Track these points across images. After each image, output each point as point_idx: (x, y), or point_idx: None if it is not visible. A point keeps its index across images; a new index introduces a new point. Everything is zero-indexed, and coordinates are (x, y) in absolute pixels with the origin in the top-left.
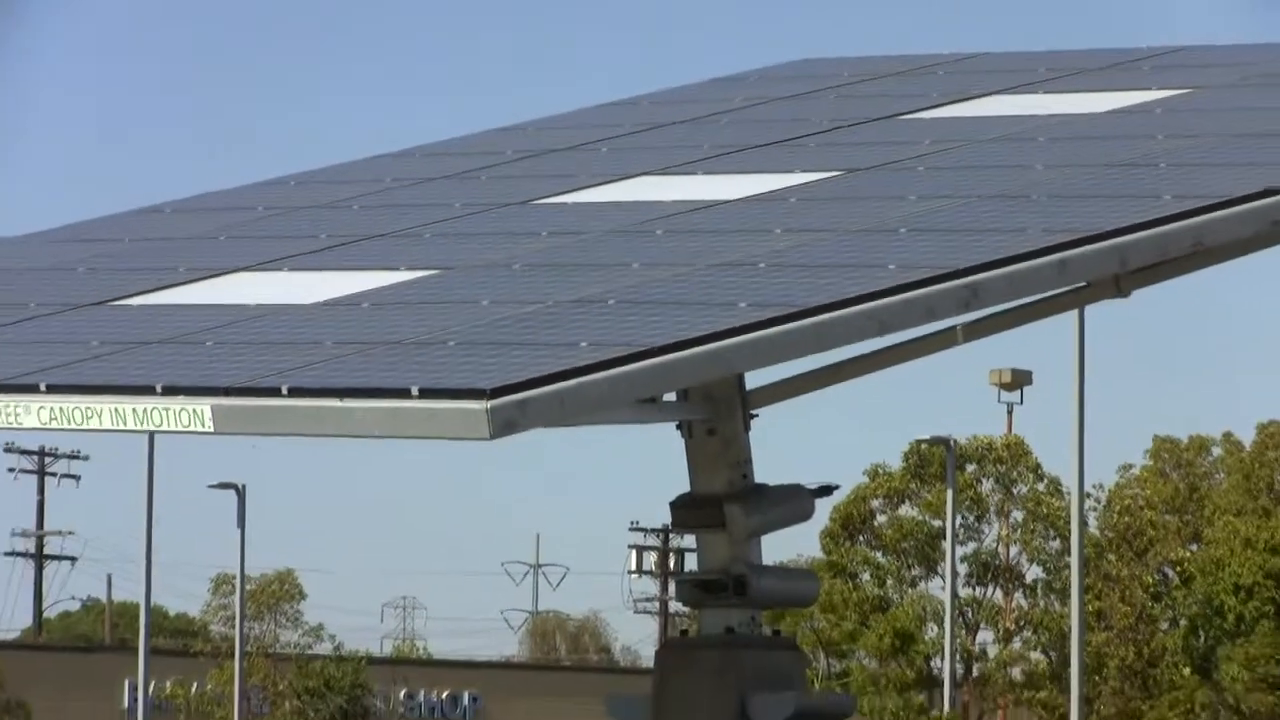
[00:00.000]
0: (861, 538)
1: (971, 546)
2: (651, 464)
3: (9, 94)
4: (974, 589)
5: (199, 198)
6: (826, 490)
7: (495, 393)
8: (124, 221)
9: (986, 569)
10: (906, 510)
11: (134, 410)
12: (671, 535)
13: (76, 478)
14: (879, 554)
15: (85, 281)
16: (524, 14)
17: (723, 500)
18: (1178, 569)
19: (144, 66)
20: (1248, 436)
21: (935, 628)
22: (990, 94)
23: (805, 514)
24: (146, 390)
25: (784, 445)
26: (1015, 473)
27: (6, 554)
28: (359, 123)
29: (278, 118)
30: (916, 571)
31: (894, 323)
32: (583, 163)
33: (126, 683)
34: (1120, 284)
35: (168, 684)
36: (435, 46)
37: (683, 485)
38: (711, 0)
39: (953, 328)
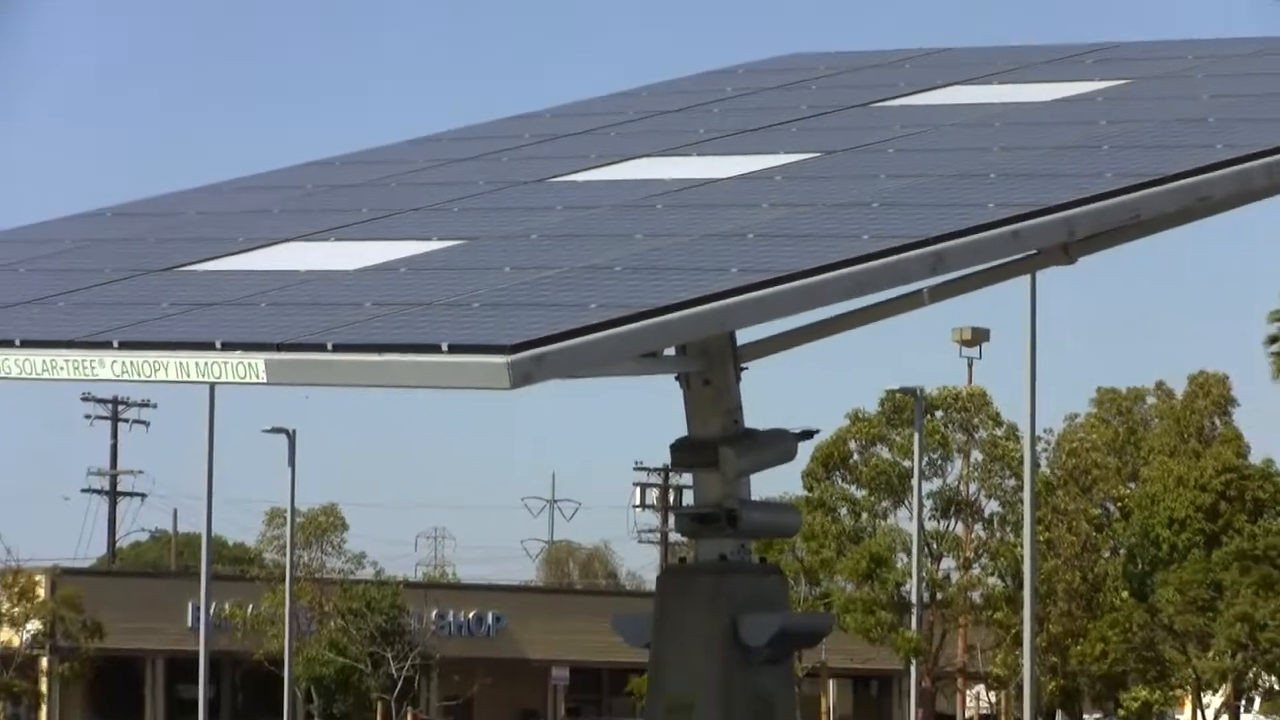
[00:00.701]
0: (839, 475)
1: (937, 484)
2: (653, 411)
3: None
4: (939, 522)
5: (256, 176)
6: (807, 434)
7: (515, 348)
8: (188, 197)
9: (950, 504)
10: (880, 451)
11: (196, 364)
12: (671, 474)
13: (146, 424)
14: (855, 489)
15: (154, 250)
16: (536, 14)
17: (716, 443)
18: (1118, 504)
19: (149, 64)
20: (1180, 387)
21: (904, 556)
22: (952, 84)
23: (789, 455)
24: (207, 346)
25: (771, 394)
26: (976, 419)
27: (84, 491)
28: (370, 123)
29: (284, 113)
30: (887, 505)
31: (868, 285)
32: (592, 145)
33: (190, 604)
34: (1068, 251)
35: (227, 605)
36: (444, 50)
37: (681, 430)
38: (704, 1)
39: (920, 290)
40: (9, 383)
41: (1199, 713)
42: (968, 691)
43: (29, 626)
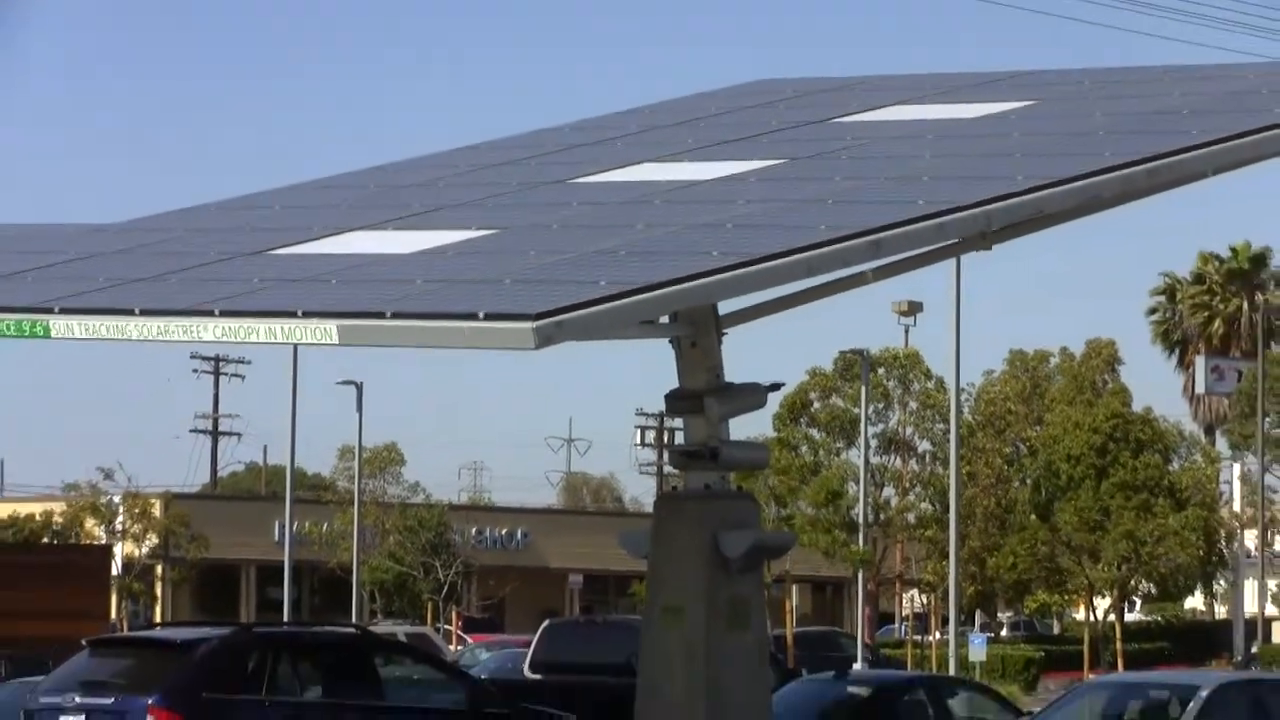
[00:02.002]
0: (802, 420)
1: (880, 427)
2: (652, 368)
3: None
4: (882, 458)
5: (330, 178)
6: (775, 386)
7: (538, 316)
8: (276, 195)
9: (890, 443)
10: (835, 401)
11: (281, 328)
12: (665, 419)
13: (242, 377)
14: (814, 431)
15: (248, 237)
16: (560, 43)
17: (702, 394)
18: (1026, 443)
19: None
20: (1078, 349)
21: (854, 485)
22: (894, 104)
23: (760, 404)
24: (290, 314)
25: (745, 354)
26: (911, 375)
27: (191, 431)
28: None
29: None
30: (840, 445)
31: (823, 267)
32: (603, 153)
33: (276, 523)
34: (985, 239)
35: (306, 524)
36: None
37: (674, 383)
38: (692, 33)
39: (865, 270)
40: (130, 344)
41: (1090, 613)
42: (904, 594)
43: (147, 541)
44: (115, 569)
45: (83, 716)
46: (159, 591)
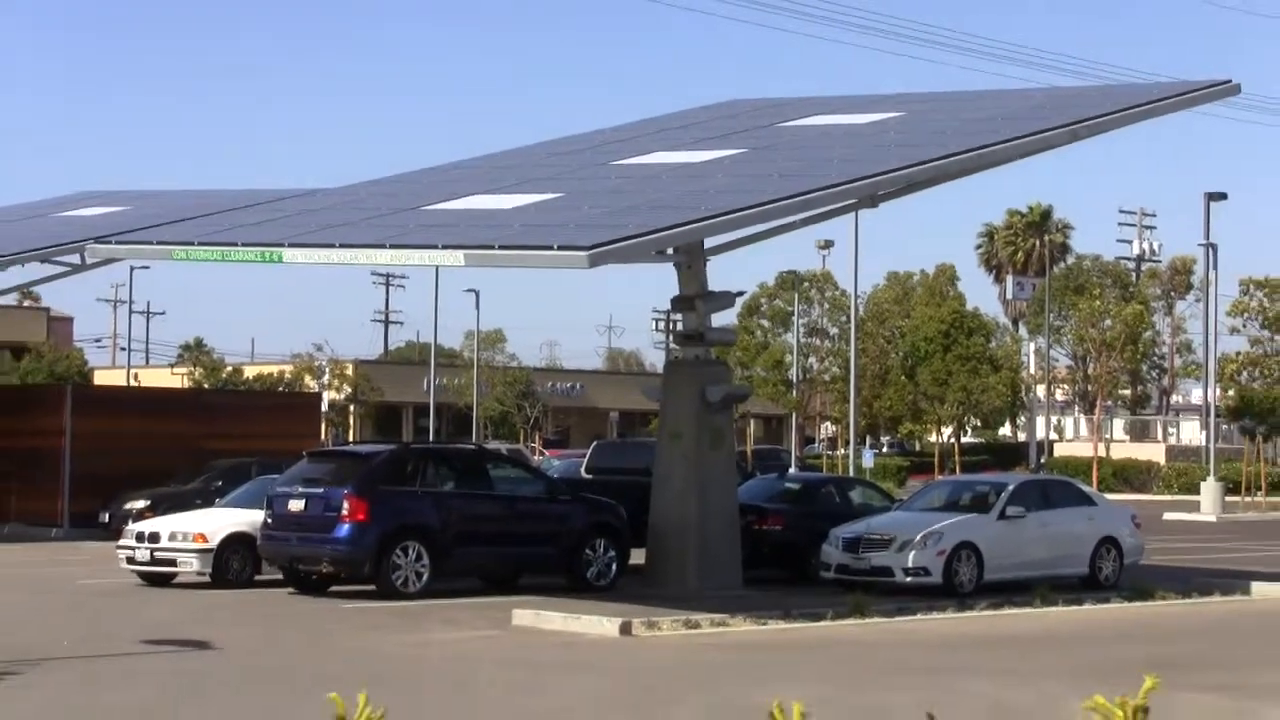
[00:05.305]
0: (756, 315)
1: (806, 320)
2: (664, 282)
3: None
4: (808, 339)
5: (459, 162)
6: (740, 294)
7: (591, 247)
8: (418, 176)
9: (813, 330)
10: (777, 302)
11: (428, 255)
12: (671, 313)
13: (404, 286)
14: (764, 322)
15: (405, 199)
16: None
17: (694, 298)
18: (898, 330)
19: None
20: (931, 270)
21: (789, 357)
22: (814, 115)
23: (730, 305)
24: (433, 246)
25: (721, 273)
26: (826, 286)
27: (371, 320)
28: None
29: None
30: (781, 331)
31: (771, 217)
32: (632, 146)
33: (425, 379)
34: (874, 200)
35: (443, 380)
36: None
37: (675, 290)
38: (688, 63)
39: (795, 219)
40: (333, 266)
41: (939, 437)
42: (821, 425)
43: (343, 390)
44: (323, 407)
45: (303, 500)
46: (351, 422)
